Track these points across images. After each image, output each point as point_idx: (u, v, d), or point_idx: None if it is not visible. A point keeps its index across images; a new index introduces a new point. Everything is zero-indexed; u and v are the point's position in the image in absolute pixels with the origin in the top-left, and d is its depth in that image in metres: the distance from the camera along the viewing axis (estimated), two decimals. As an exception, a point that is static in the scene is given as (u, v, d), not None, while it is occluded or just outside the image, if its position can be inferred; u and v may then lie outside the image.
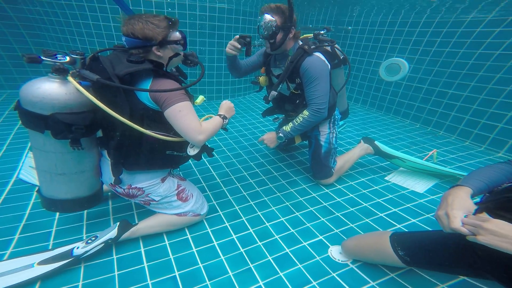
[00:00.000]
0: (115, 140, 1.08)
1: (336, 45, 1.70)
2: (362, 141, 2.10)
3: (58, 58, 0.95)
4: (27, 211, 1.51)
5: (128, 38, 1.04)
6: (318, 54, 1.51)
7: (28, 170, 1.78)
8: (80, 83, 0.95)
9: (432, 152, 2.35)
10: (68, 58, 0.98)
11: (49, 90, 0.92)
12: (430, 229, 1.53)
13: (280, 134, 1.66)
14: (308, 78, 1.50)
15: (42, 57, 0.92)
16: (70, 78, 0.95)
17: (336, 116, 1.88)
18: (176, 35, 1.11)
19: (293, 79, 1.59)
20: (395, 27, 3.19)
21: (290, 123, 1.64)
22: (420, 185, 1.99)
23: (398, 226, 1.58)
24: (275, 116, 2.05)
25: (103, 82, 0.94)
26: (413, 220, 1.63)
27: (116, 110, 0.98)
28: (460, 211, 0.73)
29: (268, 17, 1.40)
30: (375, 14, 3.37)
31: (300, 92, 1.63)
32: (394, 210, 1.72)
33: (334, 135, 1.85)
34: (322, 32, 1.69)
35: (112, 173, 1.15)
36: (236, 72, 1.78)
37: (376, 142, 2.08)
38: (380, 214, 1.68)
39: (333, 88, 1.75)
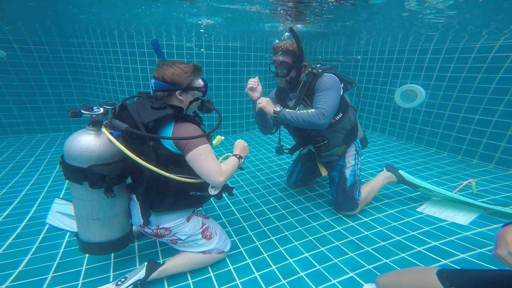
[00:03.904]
0: (143, 186, 1.17)
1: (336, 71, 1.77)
2: (385, 169, 2.02)
3: (94, 110, 1.08)
4: (61, 249, 1.57)
5: (157, 81, 1.14)
6: (327, 73, 1.59)
7: (54, 215, 1.88)
8: (111, 134, 1.06)
9: (467, 181, 2.17)
10: (102, 110, 1.11)
11: (87, 143, 1.04)
12: (492, 267, 1.35)
13: (277, 109, 1.54)
14: (319, 88, 1.53)
15: (82, 111, 1.06)
16: (103, 130, 1.07)
17: (359, 146, 1.87)
18: (199, 82, 1.24)
19: (311, 102, 1.60)
20: (405, 55, 3.26)
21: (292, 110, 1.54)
22: (461, 216, 1.80)
23: (445, 261, 1.41)
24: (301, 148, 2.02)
25: (131, 131, 1.04)
26: (463, 255, 1.45)
27: (143, 157, 1.07)
28: None
29: (280, 58, 1.55)
30: (382, 43, 3.52)
31: None
32: (435, 243, 1.56)
33: (359, 166, 1.82)
34: (317, 66, 1.75)
35: (142, 216, 1.21)
36: (268, 128, 1.83)
37: (400, 171, 1.99)
38: (418, 248, 1.52)
39: (352, 107, 1.76)
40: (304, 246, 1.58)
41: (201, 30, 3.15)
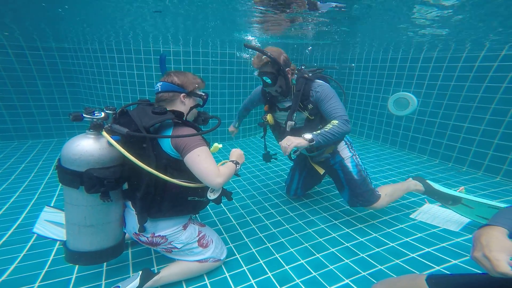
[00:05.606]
0: (141, 190, 1.16)
1: (322, 74, 1.81)
2: (410, 178, 2.00)
3: (95, 114, 1.08)
4: (50, 257, 1.53)
5: (165, 83, 1.21)
6: (318, 80, 1.62)
7: (43, 224, 1.81)
8: (112, 138, 1.06)
9: (459, 189, 2.21)
10: (103, 114, 1.11)
11: (86, 146, 1.03)
12: (477, 271, 1.36)
13: (309, 137, 1.39)
14: (323, 98, 1.54)
15: (84, 115, 1.06)
16: (104, 133, 1.07)
17: (349, 141, 1.87)
18: (201, 92, 1.31)
19: (306, 106, 1.61)
20: (397, 63, 3.35)
21: (319, 131, 1.44)
22: (452, 223, 1.83)
23: (437, 268, 1.43)
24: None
25: (132, 134, 1.05)
26: (455, 261, 1.47)
27: (143, 161, 1.07)
28: (501, 253, 0.68)
29: (264, 70, 1.52)
30: (375, 51, 3.61)
31: (315, 117, 1.64)
32: (428, 250, 1.57)
33: (357, 156, 1.81)
34: (302, 67, 1.78)
35: (138, 222, 1.20)
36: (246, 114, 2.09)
37: (428, 181, 1.95)
38: (412, 255, 1.53)
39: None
40: (300, 252, 1.58)
41: None
